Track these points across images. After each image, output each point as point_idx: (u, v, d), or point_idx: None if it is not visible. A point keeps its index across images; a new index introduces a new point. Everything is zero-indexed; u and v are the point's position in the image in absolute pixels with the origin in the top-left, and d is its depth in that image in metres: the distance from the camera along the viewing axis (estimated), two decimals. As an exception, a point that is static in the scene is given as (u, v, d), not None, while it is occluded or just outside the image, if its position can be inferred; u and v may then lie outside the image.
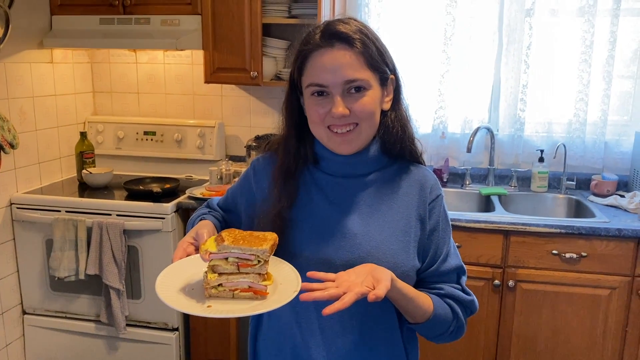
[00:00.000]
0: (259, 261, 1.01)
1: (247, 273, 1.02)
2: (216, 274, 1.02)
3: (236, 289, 1.02)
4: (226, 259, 1.02)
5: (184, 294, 1.03)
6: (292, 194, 1.15)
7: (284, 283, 1.03)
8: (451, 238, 1.20)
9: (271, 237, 1.04)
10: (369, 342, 1.14)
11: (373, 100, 1.08)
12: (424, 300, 1.10)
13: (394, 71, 1.15)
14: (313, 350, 1.13)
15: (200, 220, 1.23)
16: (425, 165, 1.22)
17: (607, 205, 2.58)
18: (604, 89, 2.71)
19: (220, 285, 1.02)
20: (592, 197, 2.70)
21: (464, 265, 1.20)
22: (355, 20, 1.11)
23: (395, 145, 1.15)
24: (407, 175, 1.18)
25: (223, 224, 1.27)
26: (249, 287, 1.02)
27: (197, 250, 1.08)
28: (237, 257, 1.01)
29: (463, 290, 1.17)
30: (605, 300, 2.32)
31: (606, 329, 2.34)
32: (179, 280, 1.05)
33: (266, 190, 1.19)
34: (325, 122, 1.08)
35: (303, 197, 1.17)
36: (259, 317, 1.26)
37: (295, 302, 0.97)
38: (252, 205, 1.23)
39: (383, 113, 1.14)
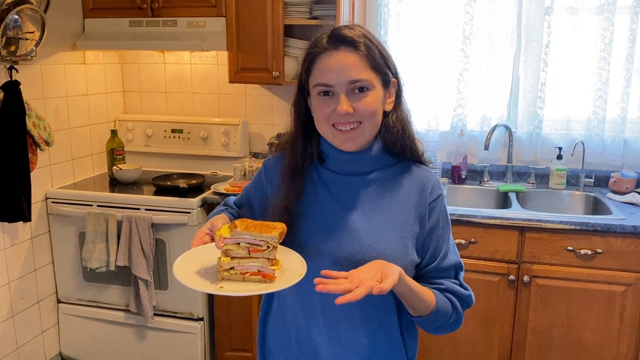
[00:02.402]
0: (268, 247, 1.10)
1: (257, 257, 1.11)
2: (229, 258, 1.11)
3: (246, 273, 1.12)
4: (238, 244, 1.11)
5: (199, 275, 1.12)
6: (299, 189, 1.24)
7: (290, 269, 1.12)
8: (450, 236, 1.25)
9: (280, 226, 1.13)
10: (369, 329, 1.21)
11: (375, 100, 1.15)
12: (428, 295, 1.16)
13: (395, 75, 1.21)
14: (315, 335, 1.21)
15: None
16: (427, 165, 1.28)
17: (625, 203, 2.59)
18: (624, 86, 2.72)
19: (232, 268, 1.12)
20: (610, 195, 2.71)
21: (462, 262, 1.26)
22: (360, 27, 1.18)
23: (395, 144, 1.21)
24: (408, 174, 1.24)
25: None
26: (259, 270, 1.11)
27: (212, 239, 1.17)
28: (248, 243, 1.11)
29: (461, 285, 1.23)
30: (620, 297, 2.34)
31: (621, 325, 2.36)
32: (195, 265, 1.15)
33: (276, 186, 1.28)
34: (330, 121, 1.16)
35: (309, 193, 1.24)
36: (268, 303, 1.35)
37: (299, 290, 1.06)
38: (264, 201, 1.31)
39: (385, 114, 1.21)
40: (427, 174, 1.25)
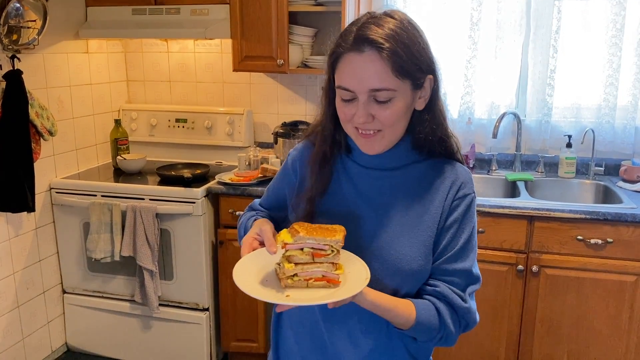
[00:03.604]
0: (332, 251, 1.05)
1: (321, 262, 1.05)
2: (292, 264, 1.06)
3: (310, 279, 1.06)
4: (301, 249, 1.06)
5: (262, 285, 1.07)
6: (326, 180, 1.19)
7: (352, 272, 1.07)
8: (471, 242, 1.16)
9: (340, 229, 1.07)
10: (382, 324, 1.15)
11: (399, 108, 1.08)
12: (404, 310, 1.10)
13: (432, 72, 1.12)
14: (332, 326, 1.17)
15: (254, 220, 1.27)
16: (463, 162, 1.20)
17: (636, 192, 2.55)
18: (635, 73, 2.66)
19: (295, 275, 1.06)
20: (621, 183, 2.66)
21: (479, 275, 1.17)
22: (394, 18, 1.08)
23: (425, 142, 1.15)
24: (439, 171, 1.17)
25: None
26: (323, 276, 1.06)
27: (261, 244, 1.13)
28: (312, 248, 1.05)
29: (462, 297, 1.14)
30: (631, 287, 2.30)
31: (632, 315, 2.32)
32: (253, 274, 1.10)
33: (305, 175, 1.23)
34: (352, 123, 1.10)
35: (333, 185, 1.20)
36: None
37: None
38: (293, 193, 1.26)
39: (416, 111, 1.13)
40: (459, 171, 1.18)
